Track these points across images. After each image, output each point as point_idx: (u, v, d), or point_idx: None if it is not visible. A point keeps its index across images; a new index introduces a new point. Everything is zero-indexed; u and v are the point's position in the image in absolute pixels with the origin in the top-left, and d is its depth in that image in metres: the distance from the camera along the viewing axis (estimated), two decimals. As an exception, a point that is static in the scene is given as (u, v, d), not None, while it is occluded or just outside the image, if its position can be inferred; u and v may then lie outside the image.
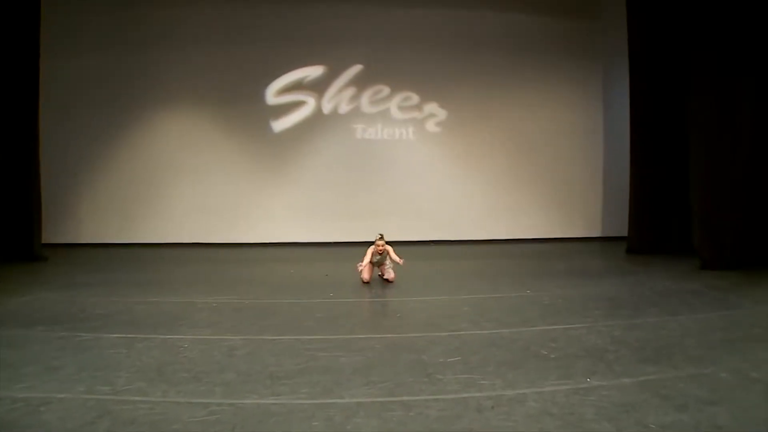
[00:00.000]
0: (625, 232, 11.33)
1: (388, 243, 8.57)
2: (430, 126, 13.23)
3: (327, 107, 13.09)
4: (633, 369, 4.46)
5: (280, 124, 13.05)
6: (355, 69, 13.06)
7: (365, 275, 8.38)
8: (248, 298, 7.44)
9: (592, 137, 13.20)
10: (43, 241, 11.77)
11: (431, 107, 13.20)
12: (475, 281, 8.48)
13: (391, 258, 8.45)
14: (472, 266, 10.08)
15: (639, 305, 6.56)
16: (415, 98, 13.17)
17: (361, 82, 13.08)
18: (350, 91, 13.05)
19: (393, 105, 13.12)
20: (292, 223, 12.99)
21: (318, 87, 13.07)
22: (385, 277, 8.49)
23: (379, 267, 8.58)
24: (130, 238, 12.79)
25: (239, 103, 12.84)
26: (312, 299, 7.37)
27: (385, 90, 13.11)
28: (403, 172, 13.14)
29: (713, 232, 8.90)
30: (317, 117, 13.09)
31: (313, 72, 13.04)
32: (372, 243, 8.47)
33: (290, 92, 13.02)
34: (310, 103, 13.05)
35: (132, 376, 4.70)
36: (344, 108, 13.09)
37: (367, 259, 8.36)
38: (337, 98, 13.07)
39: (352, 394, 4.21)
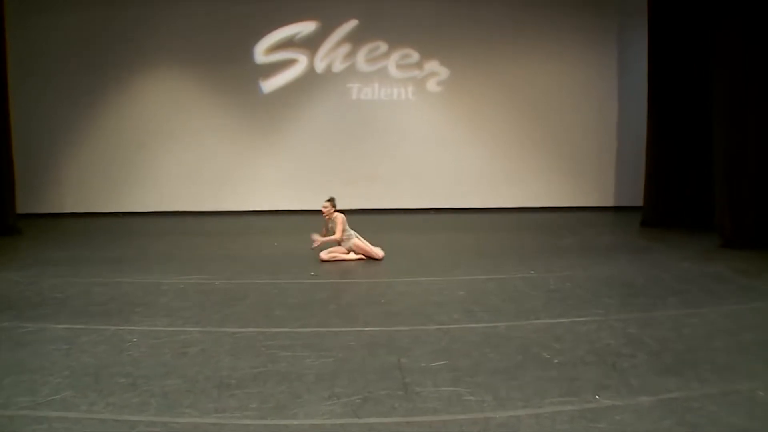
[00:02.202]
0: (639, 202, 10.45)
1: (340, 211, 7.84)
2: (431, 85, 12.30)
3: (320, 66, 12.17)
4: (652, 382, 3.69)
5: (269, 85, 12.16)
6: (350, 24, 12.08)
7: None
8: (220, 278, 6.74)
9: (606, 100, 12.19)
10: (24, 212, 11.15)
11: (432, 65, 12.24)
12: (475, 258, 7.71)
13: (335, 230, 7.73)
14: (473, 240, 9.30)
15: (657, 293, 5.76)
16: (414, 56, 12.21)
17: (356, 39, 12.11)
18: (345, 49, 12.11)
19: (391, 63, 12.18)
20: (283, 189, 12.22)
21: (310, 44, 12.12)
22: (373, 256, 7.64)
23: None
24: (114, 207, 12.09)
25: (226, 62, 11.93)
26: (290, 279, 6.66)
27: (383, 47, 12.14)
28: (402, 135, 12.28)
29: (736, 209, 8.02)
30: (309, 76, 12.19)
31: (304, 28, 12.08)
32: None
33: (280, 50, 12.09)
34: (301, 62, 12.13)
35: (62, 381, 4.02)
36: (338, 66, 12.17)
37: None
38: (331, 56, 12.14)
39: (309, 411, 3.48)
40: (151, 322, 5.21)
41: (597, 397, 3.49)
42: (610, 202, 12.24)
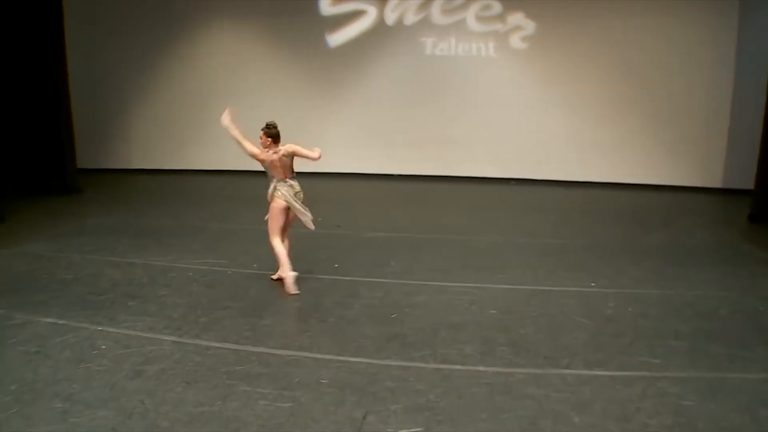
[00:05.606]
0: (751, 185, 8.65)
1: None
2: (515, 41, 10.93)
3: (391, 17, 11.18)
4: None
5: (336, 38, 11.33)
6: (425, -29, 10.93)
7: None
8: (234, 265, 6.14)
9: (720, 67, 10.21)
10: (93, 167, 11.28)
11: (516, 18, 10.85)
12: (531, 255, 6.58)
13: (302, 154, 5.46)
14: (541, 226, 8.09)
15: (741, 338, 4.34)
16: (497, 7, 10.89)
17: (431, -13, 10.95)
18: (418, -2, 11.01)
19: (470, 15, 10.99)
20: (349, 151, 11.50)
21: (380, -7, 11.14)
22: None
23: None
24: (178, 164, 11.94)
25: (290, 14, 11.27)
26: (309, 273, 5.89)
27: (461, -4, 10.91)
28: (480, 96, 11.14)
29: None
30: (379, 29, 11.28)
31: (374, -24, 11.09)
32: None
33: (348, 0, 11.24)
34: (371, 13, 11.25)
35: (2, 399, 3.57)
36: (411, 18, 11.13)
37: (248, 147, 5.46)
38: (403, 6, 11.10)
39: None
40: (132, 323, 4.74)
41: None
42: (717, 183, 10.43)
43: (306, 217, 5.52)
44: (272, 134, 5.41)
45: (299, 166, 5.73)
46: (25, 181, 9.31)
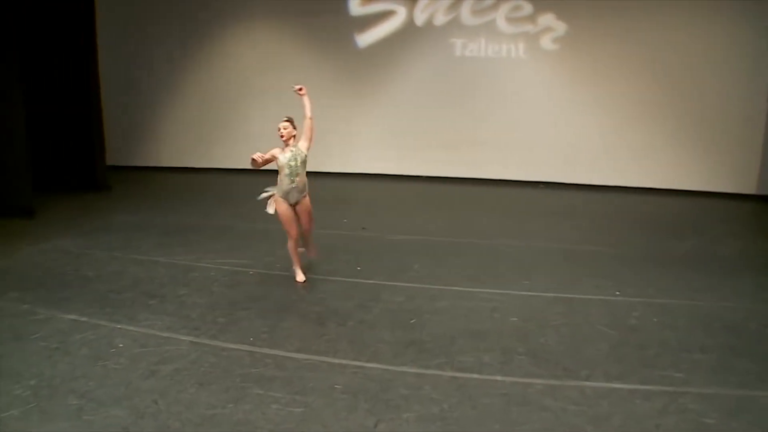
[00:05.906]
0: (788, 194, 8.37)
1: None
2: (546, 42, 10.72)
3: (420, 18, 11.06)
4: None
5: (365, 39, 11.28)
6: (454, -29, 10.81)
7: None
8: (257, 266, 6.15)
9: (755, 69, 9.81)
10: (124, 164, 11.46)
11: (547, 19, 10.63)
12: (558, 262, 6.43)
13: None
14: (567, 232, 7.89)
15: None
16: (527, 7, 10.67)
17: (461, -12, 10.81)
18: (448, -1, 10.87)
19: (500, 16, 10.79)
20: (376, 152, 11.46)
21: (410, -7, 11.04)
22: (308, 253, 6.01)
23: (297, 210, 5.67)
24: (207, 162, 12.05)
25: (319, 14, 11.19)
26: (329, 275, 5.86)
27: (491, -4, 10.74)
28: (511, 98, 10.93)
29: None
30: (409, 30, 11.15)
31: (403, -24, 11.02)
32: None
33: (377, 1, 11.14)
34: (400, 13, 11.12)
35: (21, 394, 3.67)
36: (440, 19, 10.99)
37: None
38: (433, 7, 10.98)
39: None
40: (151, 323, 4.78)
41: None
42: (751, 190, 10.04)
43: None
44: None
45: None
46: (55, 177, 9.49)
